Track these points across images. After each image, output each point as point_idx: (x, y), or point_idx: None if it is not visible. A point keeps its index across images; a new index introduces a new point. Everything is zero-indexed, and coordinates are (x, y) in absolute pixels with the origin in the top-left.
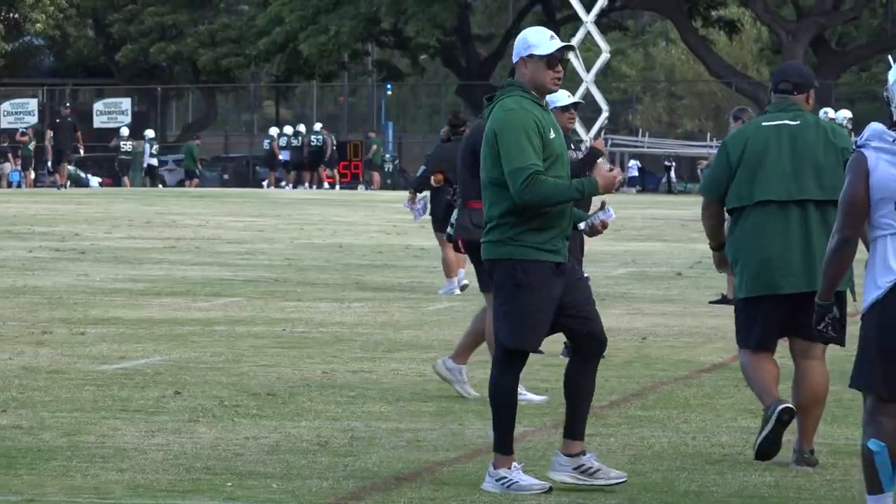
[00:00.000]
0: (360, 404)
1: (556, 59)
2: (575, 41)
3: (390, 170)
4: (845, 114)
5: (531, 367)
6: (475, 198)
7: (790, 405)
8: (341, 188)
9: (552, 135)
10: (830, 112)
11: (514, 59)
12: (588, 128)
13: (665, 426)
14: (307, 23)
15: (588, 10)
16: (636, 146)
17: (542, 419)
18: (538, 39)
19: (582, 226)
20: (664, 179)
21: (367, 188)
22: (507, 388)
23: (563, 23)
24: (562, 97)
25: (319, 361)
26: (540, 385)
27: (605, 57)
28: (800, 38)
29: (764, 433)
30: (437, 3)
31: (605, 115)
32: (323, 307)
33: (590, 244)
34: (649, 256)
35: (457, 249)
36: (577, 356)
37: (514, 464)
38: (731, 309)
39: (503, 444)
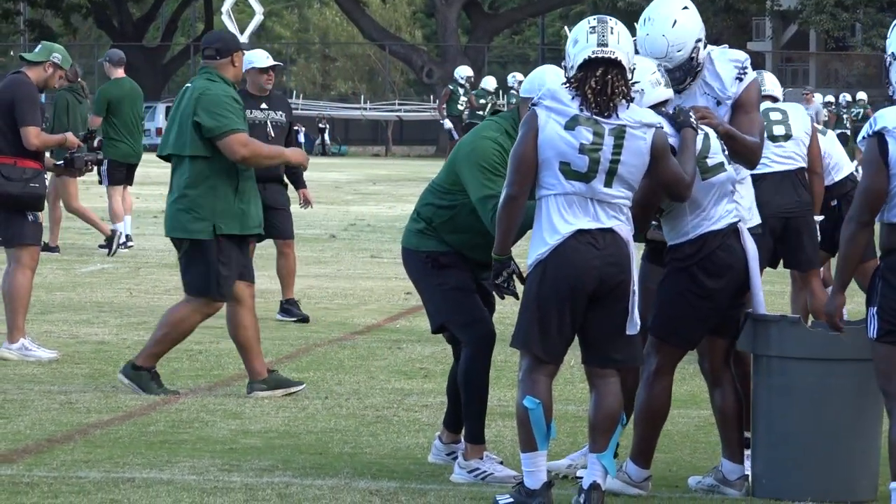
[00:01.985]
0: (13, 367)
1: None
2: (229, 3)
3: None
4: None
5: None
6: (6, 153)
7: None
8: None
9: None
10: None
11: (524, 93)
12: None
13: (319, 388)
14: None
15: None
16: (291, 108)
17: (198, 381)
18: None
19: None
20: (318, 141)
21: None
22: (480, 373)
23: None
24: (260, 58)
25: None
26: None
27: (258, 18)
28: (453, 2)
29: None
30: None
31: None
32: None
33: None
34: (303, 218)
35: None
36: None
37: (486, 454)
38: (384, 270)
39: (474, 434)
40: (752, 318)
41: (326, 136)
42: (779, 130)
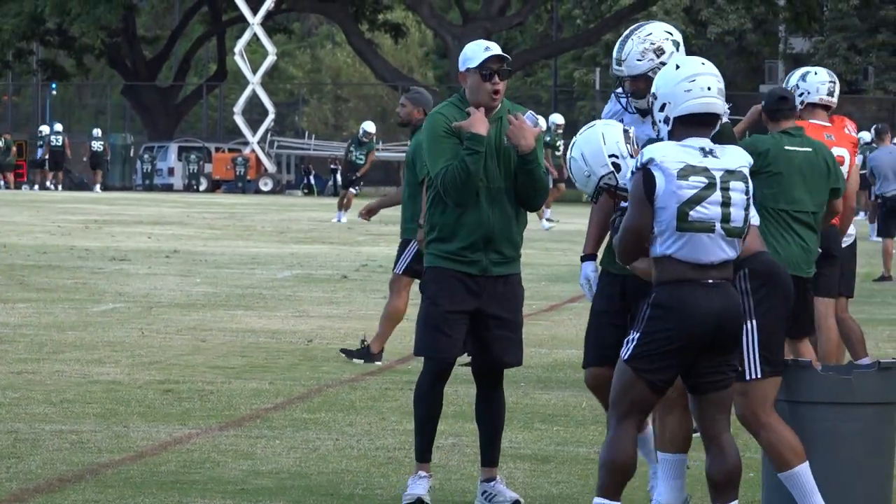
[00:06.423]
0: (24, 406)
1: (489, 71)
2: (241, 43)
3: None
4: (556, 118)
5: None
6: None
7: None
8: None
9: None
10: (557, 118)
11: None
12: (254, 129)
13: (330, 429)
14: None
15: (254, 12)
16: (302, 148)
17: (209, 421)
18: (473, 52)
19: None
20: (330, 182)
21: (31, 188)
22: (420, 393)
23: (230, 24)
24: None
25: None
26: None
27: (271, 59)
28: (465, 43)
29: None
30: (102, 4)
31: (271, 116)
32: None
33: (258, 247)
34: (315, 259)
35: None
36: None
37: (421, 472)
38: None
39: (417, 451)
40: None
41: (338, 177)
42: None
